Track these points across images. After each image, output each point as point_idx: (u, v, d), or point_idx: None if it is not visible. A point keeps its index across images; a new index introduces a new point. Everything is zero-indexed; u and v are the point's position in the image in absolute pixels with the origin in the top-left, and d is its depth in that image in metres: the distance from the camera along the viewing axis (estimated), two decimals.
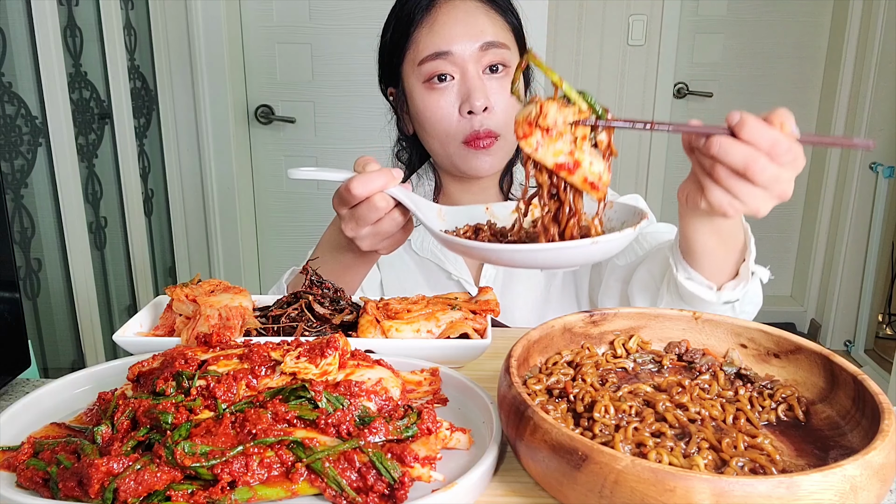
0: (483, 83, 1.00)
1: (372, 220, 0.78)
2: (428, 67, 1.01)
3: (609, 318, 0.69)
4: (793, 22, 3.01)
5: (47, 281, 1.85)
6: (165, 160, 2.60)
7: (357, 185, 0.75)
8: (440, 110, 1.02)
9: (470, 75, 1.00)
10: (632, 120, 0.69)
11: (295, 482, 0.50)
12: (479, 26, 1.00)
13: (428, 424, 0.55)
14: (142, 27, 2.41)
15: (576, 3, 2.83)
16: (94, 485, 0.47)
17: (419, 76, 1.02)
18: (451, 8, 1.02)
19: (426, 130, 1.06)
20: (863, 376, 0.56)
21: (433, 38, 1.01)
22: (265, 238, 3.02)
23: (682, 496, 0.43)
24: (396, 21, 1.06)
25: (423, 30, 1.02)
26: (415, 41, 1.02)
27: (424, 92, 1.02)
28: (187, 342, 0.71)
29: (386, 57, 1.09)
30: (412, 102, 1.05)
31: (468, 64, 1.00)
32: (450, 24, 1.00)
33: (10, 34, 1.68)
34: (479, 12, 1.02)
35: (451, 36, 1.00)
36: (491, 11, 1.03)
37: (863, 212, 2.95)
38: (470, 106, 0.99)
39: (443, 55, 0.99)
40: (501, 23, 1.04)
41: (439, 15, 1.01)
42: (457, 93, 1.01)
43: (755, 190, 0.64)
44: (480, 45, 1.00)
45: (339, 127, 2.81)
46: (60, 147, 1.83)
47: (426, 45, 1.01)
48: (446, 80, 1.01)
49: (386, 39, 1.08)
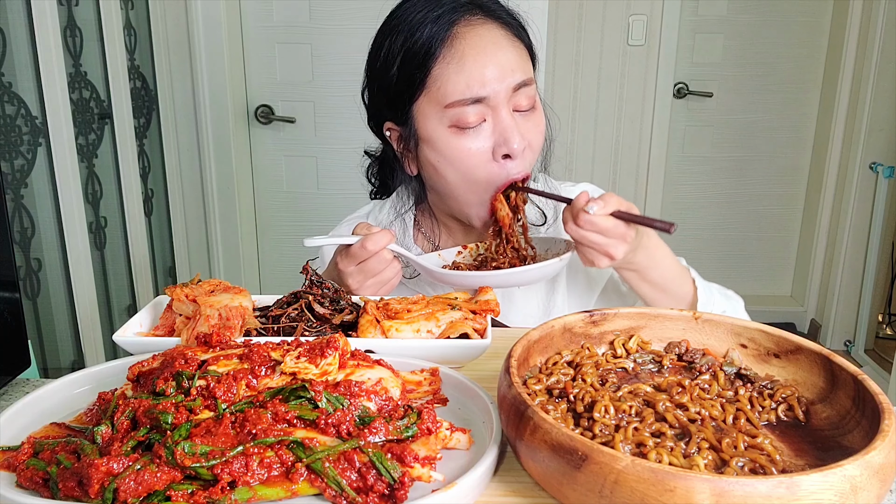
0: (517, 123, 0.94)
1: (378, 272, 0.92)
2: (458, 113, 0.92)
3: (609, 318, 0.69)
4: (793, 22, 3.01)
5: (47, 281, 1.85)
6: (165, 160, 2.60)
7: (371, 243, 0.90)
8: (472, 157, 0.94)
9: (502, 117, 0.93)
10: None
11: (295, 482, 0.50)
12: (509, 62, 0.92)
13: (428, 424, 0.55)
14: (142, 27, 2.41)
15: (576, 3, 2.83)
16: (94, 485, 0.47)
17: (444, 119, 0.93)
18: (475, 38, 0.92)
19: (449, 179, 0.97)
20: (863, 376, 0.56)
21: (463, 77, 0.91)
22: (265, 238, 3.02)
23: (682, 496, 0.43)
24: (406, 53, 0.94)
25: (449, 66, 0.91)
26: (436, 78, 0.92)
27: (450, 137, 0.94)
28: (187, 342, 0.71)
29: (386, 95, 0.99)
30: (432, 147, 0.96)
31: (501, 106, 0.93)
32: (480, 60, 0.91)
33: (10, 34, 1.68)
34: (505, 41, 0.94)
35: (484, 77, 0.91)
36: (513, 38, 0.95)
37: (863, 212, 2.95)
38: (508, 150, 0.93)
39: (477, 101, 0.91)
40: (523, 50, 0.96)
41: (465, 48, 0.91)
42: (489, 136, 0.94)
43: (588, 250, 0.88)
44: (514, 87, 0.93)
45: (339, 127, 2.81)
46: (60, 147, 1.83)
47: (455, 87, 0.91)
48: (475, 127, 0.93)
49: (390, 75, 0.97)
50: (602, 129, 2.99)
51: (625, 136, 3.01)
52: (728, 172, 3.21)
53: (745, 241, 3.31)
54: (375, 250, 0.90)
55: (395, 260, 0.94)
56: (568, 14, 2.85)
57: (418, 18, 0.94)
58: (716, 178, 3.22)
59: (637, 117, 2.99)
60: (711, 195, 3.23)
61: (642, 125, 3.00)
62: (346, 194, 2.85)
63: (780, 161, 3.20)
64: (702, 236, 3.29)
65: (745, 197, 3.24)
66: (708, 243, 3.30)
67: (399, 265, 0.95)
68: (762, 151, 3.19)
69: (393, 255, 0.94)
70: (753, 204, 3.25)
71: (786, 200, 3.26)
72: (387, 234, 0.91)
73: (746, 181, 3.22)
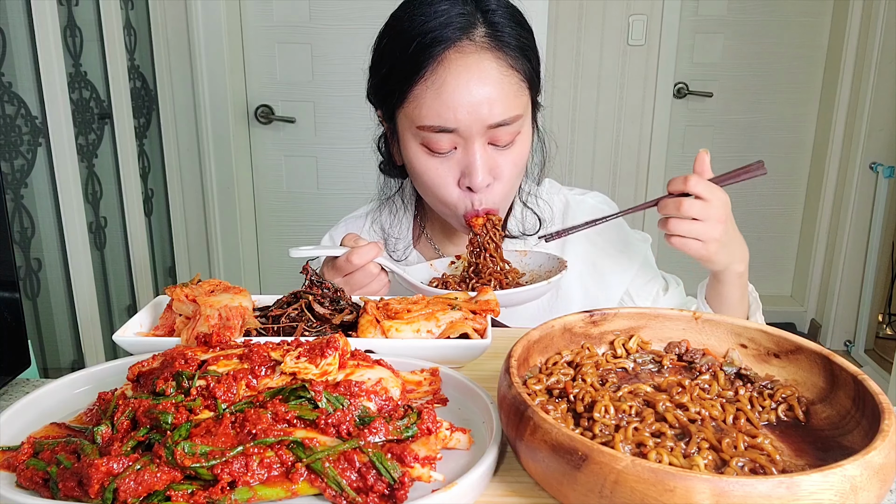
0: (487, 157, 0.92)
1: (364, 285, 0.93)
2: (428, 136, 0.91)
3: (609, 318, 0.69)
4: (793, 22, 3.02)
5: (47, 281, 1.85)
6: (165, 160, 2.60)
7: (357, 257, 0.90)
8: (438, 178, 0.94)
9: (473, 150, 0.91)
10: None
11: (295, 482, 0.50)
12: (490, 99, 0.89)
13: (428, 424, 0.55)
14: (142, 27, 2.41)
15: (576, 3, 2.83)
16: (94, 485, 0.47)
17: (416, 136, 0.93)
18: (462, 69, 0.88)
19: (419, 185, 0.99)
20: (863, 376, 0.56)
21: (438, 106, 0.89)
22: (265, 238, 3.02)
23: (682, 496, 0.43)
24: (395, 60, 0.92)
25: (428, 91, 0.89)
26: (416, 98, 0.91)
27: (420, 153, 0.94)
28: (187, 342, 0.71)
29: (379, 90, 0.99)
30: (406, 154, 0.97)
31: (474, 139, 0.91)
32: (459, 92, 0.88)
33: (10, 34, 1.68)
34: (493, 76, 0.89)
35: (459, 109, 0.88)
36: (506, 70, 0.90)
37: (863, 212, 2.95)
38: (470, 183, 0.92)
39: (447, 131, 0.90)
40: (517, 83, 0.92)
41: (448, 76, 0.88)
42: (456, 163, 0.93)
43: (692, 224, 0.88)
44: (489, 125, 0.90)
45: (339, 127, 2.81)
46: (60, 147, 1.83)
47: (429, 112, 0.90)
48: (448, 153, 0.93)
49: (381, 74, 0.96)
50: (602, 129, 2.99)
51: (625, 136, 3.01)
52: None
53: (746, 241, 3.31)
54: (360, 264, 0.91)
55: (381, 273, 0.94)
56: (568, 14, 2.85)
57: (417, 29, 0.91)
58: None
59: (637, 117, 2.99)
60: None
61: (642, 125, 3.00)
62: (346, 194, 2.85)
63: (780, 161, 3.20)
64: None
65: (745, 197, 3.24)
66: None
67: (386, 278, 0.96)
68: (762, 151, 3.18)
69: (380, 267, 0.94)
70: (753, 204, 3.25)
71: (786, 200, 3.26)
72: (373, 248, 0.91)
73: (746, 181, 3.22)
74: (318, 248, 0.96)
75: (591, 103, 2.94)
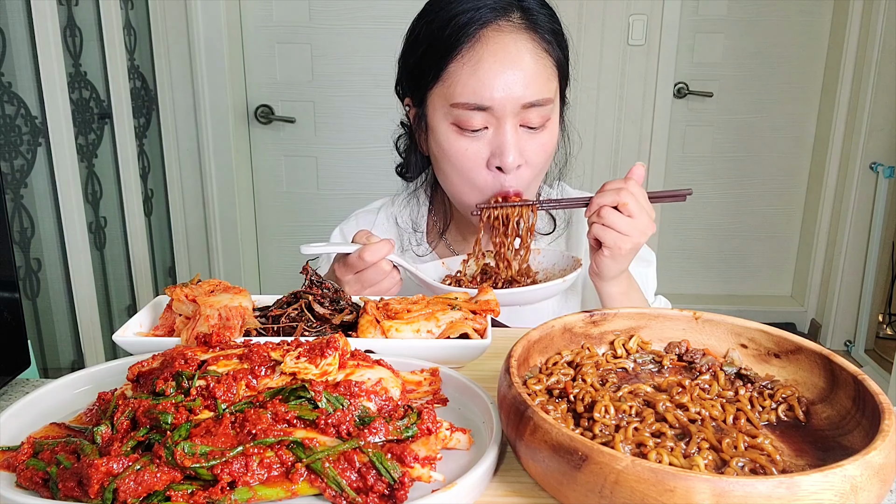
0: (518, 138, 0.93)
1: (376, 282, 0.91)
2: (461, 113, 0.92)
3: (609, 319, 0.69)
4: (793, 22, 3.01)
5: (47, 281, 1.85)
6: (165, 160, 2.60)
7: (369, 254, 0.89)
8: (468, 160, 0.94)
9: (505, 129, 0.92)
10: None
11: (295, 482, 0.50)
12: (524, 78, 0.90)
13: (428, 424, 0.55)
14: (142, 27, 2.41)
15: (576, 3, 2.83)
16: (94, 485, 0.47)
17: (448, 115, 0.93)
18: (499, 47, 0.90)
19: (446, 172, 0.99)
20: (863, 376, 0.56)
21: (474, 83, 0.90)
22: (265, 238, 3.02)
23: (683, 496, 0.43)
24: (432, 40, 0.93)
25: (464, 67, 0.91)
26: (450, 75, 0.92)
27: (452, 133, 0.94)
28: (187, 342, 0.71)
29: (412, 73, 0.99)
30: (434, 137, 0.97)
31: (506, 118, 0.92)
32: (495, 69, 0.90)
33: (10, 34, 1.68)
34: (528, 55, 0.91)
35: (494, 86, 0.89)
36: (541, 52, 0.93)
37: (863, 212, 2.95)
38: (501, 162, 0.93)
39: (482, 108, 0.91)
40: (550, 67, 0.94)
41: (485, 53, 0.90)
42: (488, 143, 0.93)
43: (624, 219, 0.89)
44: (523, 104, 0.91)
45: (339, 127, 2.81)
46: (60, 147, 1.83)
47: (464, 89, 0.91)
48: (478, 131, 0.93)
49: (416, 56, 0.97)
50: (602, 129, 2.99)
51: (625, 136, 3.01)
52: (728, 172, 3.21)
53: (745, 241, 3.31)
54: (373, 261, 0.89)
55: (394, 270, 0.93)
56: (568, 14, 2.83)
57: (454, 11, 0.92)
58: (716, 178, 3.22)
59: (637, 117, 2.99)
60: (711, 195, 3.23)
61: (642, 125, 3.00)
62: (347, 194, 2.85)
63: (780, 161, 3.20)
64: (702, 236, 3.29)
65: (745, 197, 3.24)
66: (708, 243, 3.31)
67: (398, 275, 0.94)
68: (762, 151, 3.19)
69: (392, 265, 0.93)
70: (753, 204, 3.25)
71: (786, 200, 3.26)
72: (385, 245, 0.90)
73: (746, 181, 3.22)
74: (329, 245, 0.95)
75: (591, 103, 2.94)
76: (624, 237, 0.89)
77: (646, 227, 0.90)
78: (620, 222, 0.89)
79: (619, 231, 0.89)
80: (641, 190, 0.92)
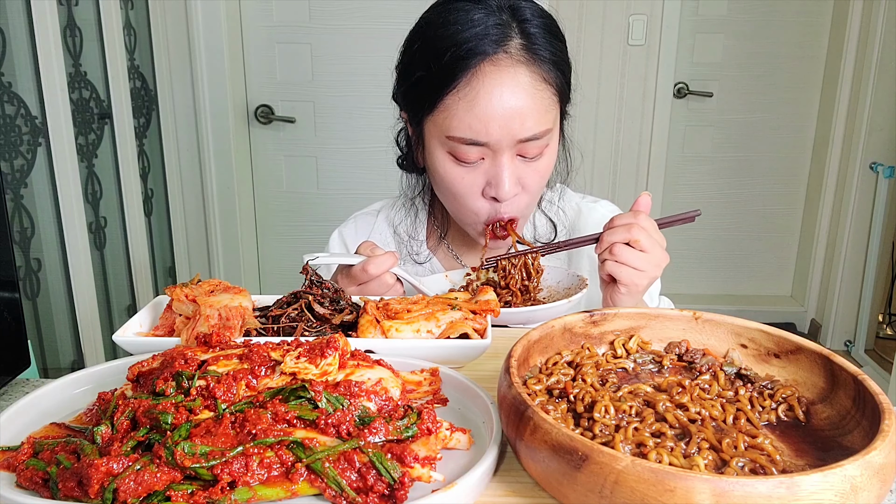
0: (514, 168, 0.93)
1: (379, 294, 0.90)
2: (457, 147, 0.91)
3: (609, 319, 0.69)
4: (793, 22, 3.01)
5: (47, 281, 1.85)
6: (165, 160, 2.60)
7: (373, 267, 0.88)
8: (464, 187, 0.94)
9: (501, 162, 0.91)
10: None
11: (295, 482, 0.50)
12: (521, 115, 0.89)
13: (428, 424, 0.55)
14: (142, 27, 2.41)
15: (576, 3, 2.83)
16: (94, 485, 0.47)
17: (444, 144, 0.93)
18: (495, 82, 0.88)
19: (442, 194, 0.99)
20: (863, 376, 0.56)
21: (470, 119, 0.89)
22: (265, 238, 3.02)
23: (682, 496, 0.43)
24: (429, 67, 0.91)
25: (461, 102, 0.89)
26: (447, 107, 0.90)
27: (448, 161, 0.94)
28: (187, 342, 0.71)
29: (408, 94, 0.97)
30: (431, 160, 0.96)
31: (503, 151, 0.91)
32: (492, 105, 0.88)
33: (10, 34, 1.68)
34: (526, 91, 0.89)
35: (490, 124, 0.88)
36: (539, 84, 0.90)
37: (863, 212, 2.95)
38: (496, 194, 0.93)
39: (477, 144, 0.90)
40: (549, 97, 0.92)
41: (482, 90, 0.88)
42: (484, 172, 0.93)
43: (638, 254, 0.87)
44: (519, 140, 0.90)
45: (339, 127, 2.81)
46: (60, 147, 1.83)
47: (460, 124, 0.89)
48: (475, 162, 0.93)
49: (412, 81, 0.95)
50: (602, 129, 2.99)
51: (625, 136, 3.01)
52: (728, 172, 3.21)
53: (745, 241, 3.32)
54: (376, 274, 0.89)
55: (396, 283, 0.93)
56: (568, 14, 2.85)
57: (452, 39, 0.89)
58: (716, 178, 3.22)
59: (637, 117, 2.99)
60: (711, 195, 3.23)
61: (642, 125, 3.00)
62: (346, 194, 2.85)
63: (780, 161, 3.20)
64: (702, 236, 3.29)
65: (745, 197, 3.24)
66: (708, 243, 3.31)
67: (402, 288, 0.94)
68: (762, 151, 3.19)
69: (395, 278, 0.92)
70: (753, 204, 3.25)
71: (786, 200, 3.26)
72: (389, 258, 0.89)
73: (746, 181, 3.23)
74: (333, 256, 0.95)
75: (591, 103, 2.94)
76: (639, 273, 0.87)
77: (660, 260, 0.88)
78: (635, 259, 0.86)
79: (635, 267, 0.87)
80: (651, 222, 0.89)
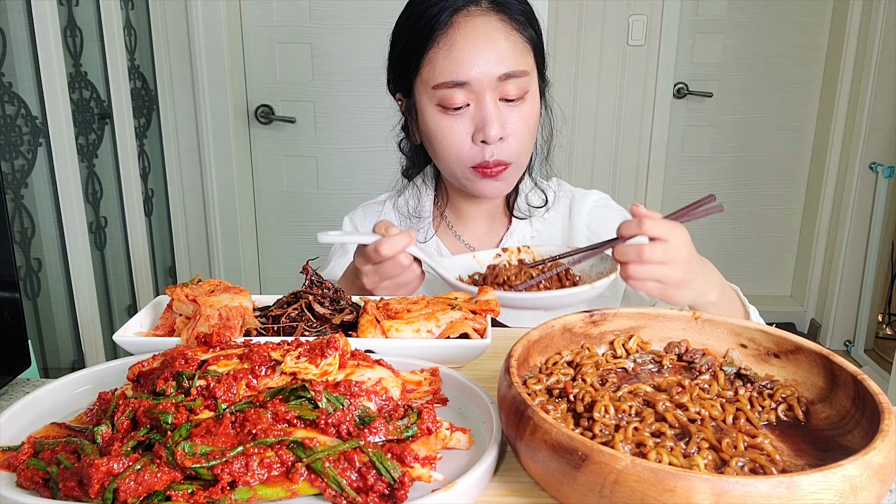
0: (499, 111, 0.98)
1: (394, 275, 0.90)
2: (442, 94, 0.98)
3: (609, 318, 0.69)
4: (793, 22, 3.01)
5: (47, 281, 1.85)
6: (165, 160, 2.60)
7: (386, 247, 0.87)
8: (452, 135, 0.99)
9: (485, 104, 0.97)
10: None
11: (295, 482, 0.50)
12: (498, 53, 0.96)
13: (428, 424, 0.55)
14: (142, 27, 2.41)
15: (576, 3, 2.83)
16: (94, 485, 0.47)
17: (432, 98, 0.99)
18: (469, 29, 0.97)
19: (436, 151, 1.04)
20: (863, 376, 0.56)
21: (450, 63, 0.96)
22: (265, 238, 3.02)
23: (682, 496, 0.43)
24: (410, 34, 1.01)
25: (440, 51, 0.97)
26: (429, 61, 0.98)
27: (437, 114, 1.00)
28: (187, 342, 0.71)
29: (397, 67, 1.06)
30: (423, 121, 1.03)
31: (485, 92, 0.97)
32: (468, 48, 0.96)
33: (10, 34, 1.68)
34: (500, 34, 0.97)
35: (469, 63, 0.96)
36: (512, 31, 0.98)
37: (863, 212, 2.95)
38: (484, 136, 0.97)
39: (460, 85, 0.96)
40: (522, 43, 0.99)
41: (457, 37, 0.97)
42: (470, 119, 0.98)
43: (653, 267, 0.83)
44: (499, 76, 0.96)
45: (339, 127, 2.81)
46: (60, 147, 1.83)
47: (442, 70, 0.97)
48: (461, 109, 0.98)
49: (398, 51, 1.04)
50: (602, 129, 2.99)
51: (625, 136, 3.01)
52: (728, 172, 3.21)
53: (745, 241, 3.31)
54: (390, 255, 0.88)
55: (413, 264, 0.92)
56: (568, 14, 2.85)
57: (426, 4, 0.99)
58: (716, 178, 3.22)
59: (637, 117, 2.99)
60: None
61: (642, 125, 3.00)
62: (347, 194, 2.85)
63: (780, 161, 3.20)
64: (702, 236, 3.29)
65: (745, 197, 3.24)
66: (708, 243, 3.31)
67: (419, 269, 0.93)
68: (762, 151, 3.19)
69: (412, 258, 0.91)
70: (753, 204, 3.25)
71: (786, 200, 3.26)
72: (404, 238, 0.89)
73: (746, 181, 3.23)
74: (348, 234, 0.95)
75: (591, 103, 2.94)
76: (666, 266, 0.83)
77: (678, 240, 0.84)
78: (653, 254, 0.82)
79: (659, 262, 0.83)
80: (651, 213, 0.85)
